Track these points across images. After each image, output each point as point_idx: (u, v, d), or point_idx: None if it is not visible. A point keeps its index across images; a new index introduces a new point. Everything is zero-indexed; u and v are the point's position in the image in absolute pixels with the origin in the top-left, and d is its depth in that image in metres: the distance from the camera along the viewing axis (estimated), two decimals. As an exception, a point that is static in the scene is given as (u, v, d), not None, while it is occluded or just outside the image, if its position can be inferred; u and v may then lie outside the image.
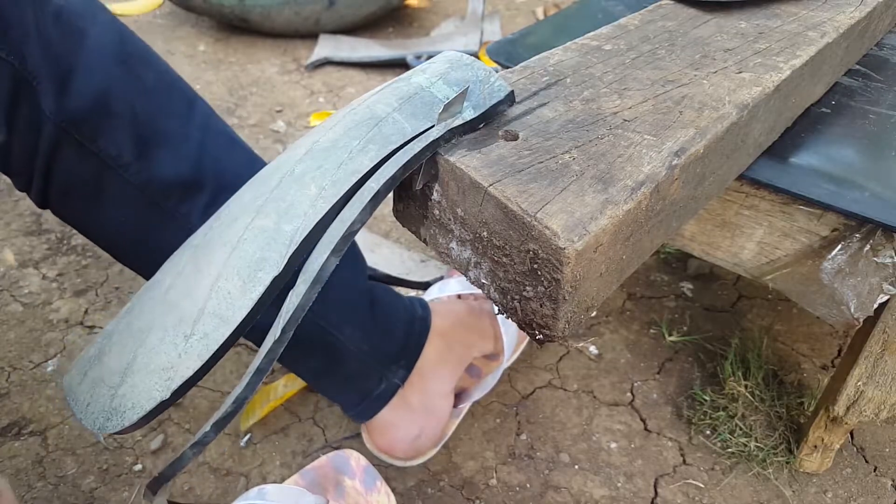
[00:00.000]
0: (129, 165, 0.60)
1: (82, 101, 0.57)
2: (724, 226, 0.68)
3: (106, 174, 0.60)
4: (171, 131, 0.62)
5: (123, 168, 0.60)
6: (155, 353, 0.37)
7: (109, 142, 0.59)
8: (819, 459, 0.79)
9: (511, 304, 0.39)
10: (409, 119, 0.41)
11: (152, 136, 0.61)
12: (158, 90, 0.62)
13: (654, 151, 0.41)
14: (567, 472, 0.81)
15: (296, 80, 1.67)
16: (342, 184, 0.37)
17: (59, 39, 0.56)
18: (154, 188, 0.62)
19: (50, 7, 0.56)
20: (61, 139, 0.58)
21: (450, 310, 0.85)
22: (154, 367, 0.37)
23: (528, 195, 0.36)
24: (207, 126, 0.65)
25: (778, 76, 0.52)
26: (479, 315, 0.86)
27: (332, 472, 0.67)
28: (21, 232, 1.14)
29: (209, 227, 0.41)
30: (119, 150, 0.60)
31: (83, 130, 0.58)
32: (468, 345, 0.83)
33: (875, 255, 0.61)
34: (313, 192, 0.37)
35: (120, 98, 0.59)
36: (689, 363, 0.95)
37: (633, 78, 0.50)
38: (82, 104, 0.57)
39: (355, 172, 0.38)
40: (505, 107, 0.44)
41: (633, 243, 0.40)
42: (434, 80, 0.43)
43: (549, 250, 0.35)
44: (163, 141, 0.61)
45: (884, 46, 0.82)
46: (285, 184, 0.38)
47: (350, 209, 0.36)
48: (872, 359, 0.67)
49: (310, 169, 0.38)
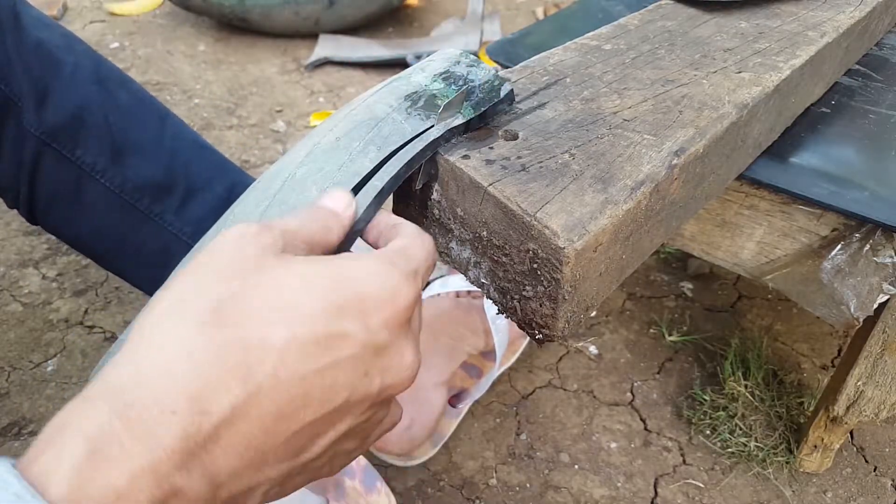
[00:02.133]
0: (105, 171, 0.66)
1: (60, 115, 0.64)
2: (724, 225, 0.68)
3: (85, 181, 0.66)
4: (144, 140, 0.68)
5: (100, 174, 0.66)
6: None
7: (86, 151, 0.65)
8: (819, 459, 0.79)
9: (511, 304, 0.39)
10: (409, 119, 0.41)
11: (126, 145, 0.67)
12: (131, 105, 0.68)
13: (653, 151, 0.41)
14: (567, 471, 0.81)
15: (296, 79, 1.67)
16: (344, 186, 0.37)
17: (38, 65, 0.63)
18: (129, 191, 0.67)
19: (30, 39, 0.63)
20: (42, 151, 0.64)
21: (431, 303, 0.87)
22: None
23: (527, 195, 0.36)
24: (178, 135, 0.71)
25: (778, 76, 0.52)
26: (468, 309, 0.86)
27: (332, 473, 0.67)
28: (21, 232, 1.14)
29: (216, 231, 0.41)
30: (95, 158, 0.66)
31: (62, 141, 0.64)
32: (457, 337, 0.84)
33: (875, 254, 0.61)
34: (315, 194, 0.37)
35: (95, 112, 0.65)
36: (688, 363, 0.95)
37: (632, 78, 0.50)
38: (60, 117, 0.64)
39: (356, 174, 0.38)
40: (505, 106, 0.44)
41: (632, 243, 0.40)
42: (433, 79, 0.43)
43: (548, 250, 0.35)
44: (135, 149, 0.67)
45: (884, 46, 0.82)
46: (287, 187, 0.38)
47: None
48: (872, 359, 0.67)
49: (311, 172, 0.38)
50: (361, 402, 0.28)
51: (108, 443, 0.23)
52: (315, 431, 0.27)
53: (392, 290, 0.29)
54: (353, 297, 0.28)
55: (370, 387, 0.28)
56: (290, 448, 0.27)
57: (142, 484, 0.23)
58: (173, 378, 0.25)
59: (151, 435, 0.24)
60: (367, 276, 0.28)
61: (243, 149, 1.40)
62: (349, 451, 0.31)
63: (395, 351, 0.29)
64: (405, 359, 0.29)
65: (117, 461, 0.23)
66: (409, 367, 0.30)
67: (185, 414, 0.24)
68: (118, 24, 1.92)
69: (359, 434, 0.31)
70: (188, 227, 0.70)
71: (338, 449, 0.30)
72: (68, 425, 0.24)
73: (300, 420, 0.26)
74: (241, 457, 0.25)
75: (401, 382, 0.29)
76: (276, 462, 0.27)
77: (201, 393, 0.24)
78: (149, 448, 0.23)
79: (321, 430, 0.28)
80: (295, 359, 0.26)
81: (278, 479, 0.27)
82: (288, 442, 0.27)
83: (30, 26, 0.63)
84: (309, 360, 0.26)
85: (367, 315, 0.28)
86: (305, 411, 0.26)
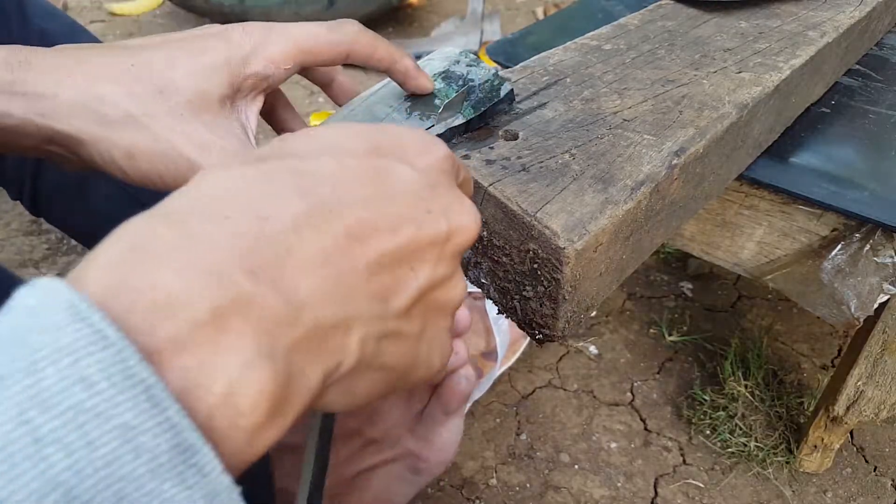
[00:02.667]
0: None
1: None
2: (724, 225, 0.68)
3: (88, 172, 0.65)
4: None
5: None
6: None
7: None
8: (819, 459, 0.79)
9: (511, 304, 0.39)
10: (409, 119, 0.41)
11: None
12: None
13: (653, 151, 0.41)
14: (567, 472, 0.81)
15: (295, 79, 1.67)
16: None
17: None
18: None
19: (35, 28, 0.62)
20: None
21: None
22: None
23: (527, 195, 0.36)
24: None
25: (778, 76, 0.52)
26: (469, 310, 0.86)
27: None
28: (21, 232, 1.14)
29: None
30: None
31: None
32: None
33: (875, 254, 0.61)
34: None
35: None
36: (688, 363, 0.95)
37: (632, 78, 0.50)
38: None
39: None
40: (505, 106, 0.44)
41: (632, 243, 0.40)
42: (433, 79, 0.43)
43: (548, 250, 0.35)
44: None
45: (883, 46, 0.82)
46: None
47: None
48: (872, 359, 0.67)
49: None
50: (433, 245, 0.26)
51: (150, 239, 0.20)
52: (395, 268, 0.25)
53: (430, 142, 0.28)
54: (394, 141, 0.27)
55: (437, 225, 0.26)
56: (373, 285, 0.24)
57: (197, 283, 0.19)
58: (224, 191, 0.22)
59: (204, 234, 0.20)
60: (402, 130, 0.28)
61: (243, 149, 1.40)
62: (438, 318, 0.28)
63: (452, 192, 0.27)
64: (465, 202, 0.28)
65: (164, 257, 0.19)
66: (470, 211, 0.28)
67: (242, 219, 0.21)
68: (118, 24, 1.92)
69: (441, 296, 0.28)
70: None
71: (428, 308, 0.27)
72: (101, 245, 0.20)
73: (374, 247, 0.24)
74: (318, 274, 0.22)
75: (468, 227, 0.27)
76: (365, 298, 0.24)
77: (258, 203, 0.22)
78: (202, 245, 0.20)
79: (402, 271, 0.25)
80: (351, 184, 0.24)
81: (372, 324, 0.24)
82: (370, 272, 0.24)
83: (34, 15, 0.63)
84: (366, 186, 0.24)
85: (411, 158, 0.27)
86: (377, 237, 0.24)
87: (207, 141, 0.36)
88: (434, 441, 0.42)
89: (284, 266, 0.21)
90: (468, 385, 0.40)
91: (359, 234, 0.23)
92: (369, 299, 0.24)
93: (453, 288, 0.28)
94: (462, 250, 0.28)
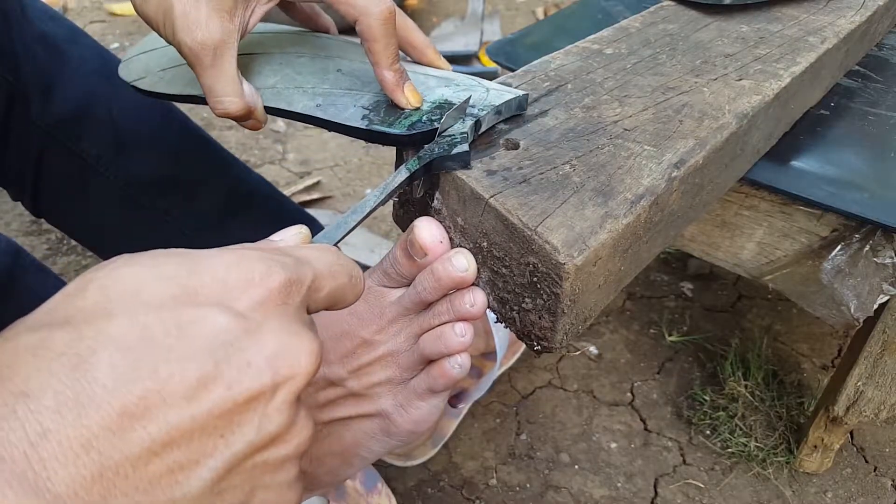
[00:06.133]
0: (109, 164, 0.67)
1: (65, 107, 0.64)
2: (724, 226, 0.68)
3: (89, 174, 0.67)
4: (148, 134, 0.68)
5: (104, 167, 0.67)
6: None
7: (91, 143, 0.66)
8: (819, 459, 0.80)
9: (510, 315, 0.40)
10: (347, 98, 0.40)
11: (130, 139, 0.67)
12: (136, 99, 0.67)
13: (653, 163, 0.41)
14: (567, 472, 0.81)
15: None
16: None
17: (44, 56, 0.63)
18: (132, 185, 0.68)
19: (36, 31, 0.63)
20: (48, 143, 0.64)
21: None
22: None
23: (528, 208, 0.36)
24: (182, 130, 0.71)
25: (778, 84, 0.52)
26: None
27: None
28: (21, 232, 1.14)
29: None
30: (100, 151, 0.66)
31: (67, 133, 0.65)
32: None
33: (875, 255, 0.61)
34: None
35: (100, 105, 0.66)
36: (689, 363, 0.95)
37: (633, 84, 0.50)
38: (65, 109, 0.64)
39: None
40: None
41: (631, 255, 0.40)
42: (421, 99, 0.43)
43: (549, 265, 0.35)
44: (139, 143, 0.68)
45: (883, 47, 0.82)
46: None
47: (353, 214, 0.36)
48: (872, 359, 0.68)
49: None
50: (253, 402, 0.23)
51: None
52: (190, 443, 0.22)
53: (262, 272, 0.25)
54: (212, 282, 0.24)
55: (258, 378, 0.23)
56: (156, 469, 0.22)
57: None
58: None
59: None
60: (228, 263, 0.25)
61: (243, 149, 1.40)
62: (275, 474, 0.25)
63: (283, 331, 0.24)
64: (301, 339, 0.25)
65: None
66: (306, 349, 0.25)
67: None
68: (118, 24, 1.92)
69: (273, 455, 0.25)
70: (191, 221, 0.70)
71: (255, 472, 0.24)
72: None
73: (159, 423, 0.21)
74: (78, 463, 0.20)
75: (300, 373, 0.24)
76: (143, 487, 0.21)
77: (20, 379, 0.21)
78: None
79: (202, 443, 0.22)
80: (139, 349, 0.22)
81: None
82: (152, 454, 0.21)
83: (36, 19, 0.64)
84: (159, 348, 0.22)
85: (232, 299, 0.24)
86: (165, 410, 0.22)
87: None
88: (410, 412, 0.42)
89: (37, 453, 0.19)
90: (460, 371, 0.40)
91: (137, 412, 0.21)
92: (150, 487, 0.21)
93: (292, 439, 0.25)
94: (300, 393, 0.25)
